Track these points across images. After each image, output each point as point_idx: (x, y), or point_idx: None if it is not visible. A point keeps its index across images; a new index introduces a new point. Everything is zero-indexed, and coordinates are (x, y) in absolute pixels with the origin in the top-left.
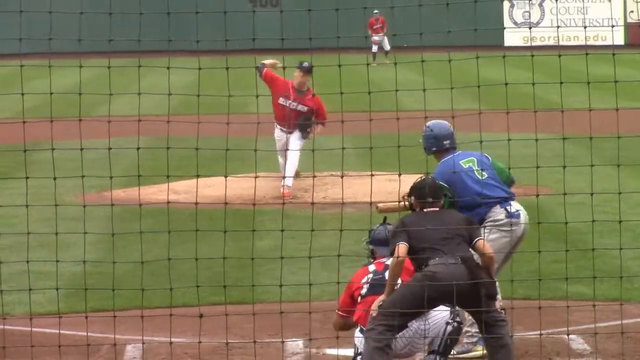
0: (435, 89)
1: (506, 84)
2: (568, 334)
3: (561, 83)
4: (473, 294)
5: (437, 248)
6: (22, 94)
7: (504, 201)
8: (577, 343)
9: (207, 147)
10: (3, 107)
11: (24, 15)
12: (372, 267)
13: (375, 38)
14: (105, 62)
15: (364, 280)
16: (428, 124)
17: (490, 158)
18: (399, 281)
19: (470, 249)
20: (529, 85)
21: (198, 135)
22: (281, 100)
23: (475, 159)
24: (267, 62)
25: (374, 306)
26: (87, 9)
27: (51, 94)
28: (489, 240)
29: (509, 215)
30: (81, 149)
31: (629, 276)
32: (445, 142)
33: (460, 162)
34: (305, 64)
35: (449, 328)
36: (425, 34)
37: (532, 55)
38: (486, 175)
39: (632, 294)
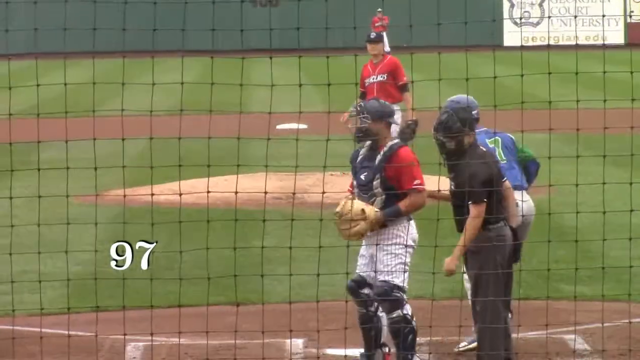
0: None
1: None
2: (575, 333)
3: (578, 71)
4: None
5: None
6: (37, 86)
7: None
8: (578, 343)
9: (218, 136)
10: None
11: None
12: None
13: None
14: (93, 64)
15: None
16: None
17: (514, 141)
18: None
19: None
20: (527, 85)
21: (210, 129)
22: (366, 81)
23: (500, 140)
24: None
25: (459, 253)
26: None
27: (65, 83)
28: None
29: None
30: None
31: (631, 270)
32: (474, 112)
33: (487, 140)
34: (372, 34)
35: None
36: (423, 34)
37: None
38: (505, 160)
39: (633, 294)
